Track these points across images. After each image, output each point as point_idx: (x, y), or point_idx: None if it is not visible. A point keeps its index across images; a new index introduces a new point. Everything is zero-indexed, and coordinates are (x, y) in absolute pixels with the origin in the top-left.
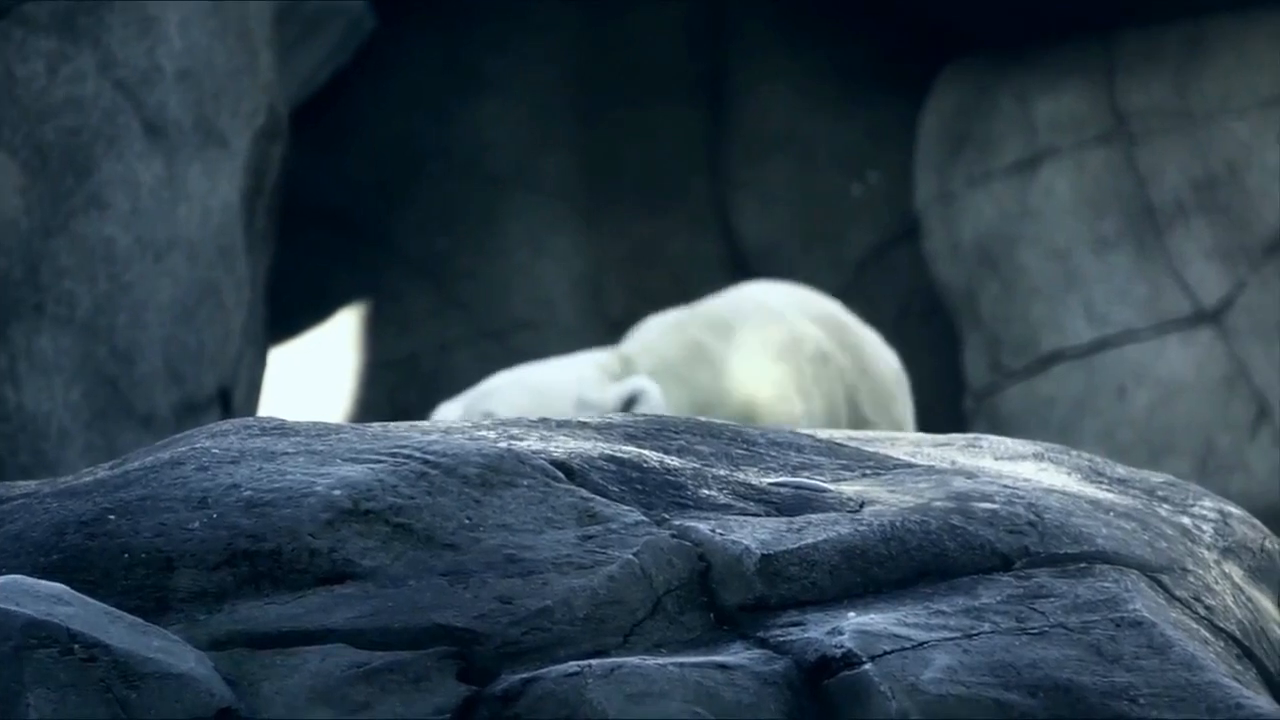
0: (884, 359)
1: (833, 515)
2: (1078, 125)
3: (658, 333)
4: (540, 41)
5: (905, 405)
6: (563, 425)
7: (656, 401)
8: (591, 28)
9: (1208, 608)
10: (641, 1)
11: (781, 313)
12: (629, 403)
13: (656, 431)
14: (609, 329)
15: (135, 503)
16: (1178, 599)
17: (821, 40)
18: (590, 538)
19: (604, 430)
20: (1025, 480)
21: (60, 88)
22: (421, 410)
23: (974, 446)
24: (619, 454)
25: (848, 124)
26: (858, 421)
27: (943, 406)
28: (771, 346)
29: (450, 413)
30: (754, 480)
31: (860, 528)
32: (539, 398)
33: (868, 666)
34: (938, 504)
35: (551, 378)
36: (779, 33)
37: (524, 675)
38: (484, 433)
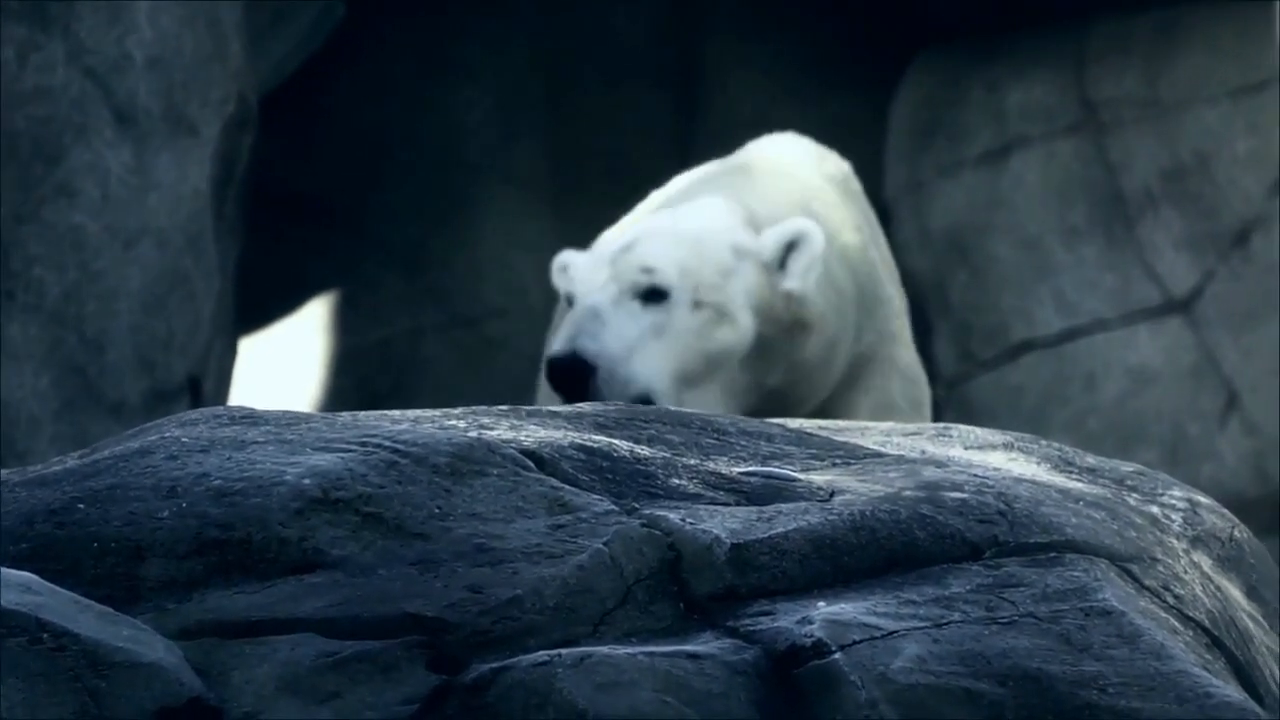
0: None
1: (803, 505)
2: (1048, 115)
3: (767, 178)
4: (510, 28)
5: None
6: (532, 414)
7: (818, 246)
8: (561, 15)
9: (1177, 597)
10: None
11: (815, 146)
12: (791, 245)
13: (627, 421)
14: None
15: (105, 491)
16: (1147, 588)
17: (792, 28)
18: (560, 527)
19: (574, 419)
20: (995, 470)
21: (30, 76)
22: (394, 398)
23: (944, 436)
24: (589, 443)
25: (817, 112)
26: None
27: None
28: (827, 186)
29: (593, 272)
30: (724, 469)
31: (830, 517)
32: (697, 249)
33: (837, 656)
34: (908, 493)
35: (703, 226)
36: (749, 20)
37: (494, 664)
38: (454, 422)
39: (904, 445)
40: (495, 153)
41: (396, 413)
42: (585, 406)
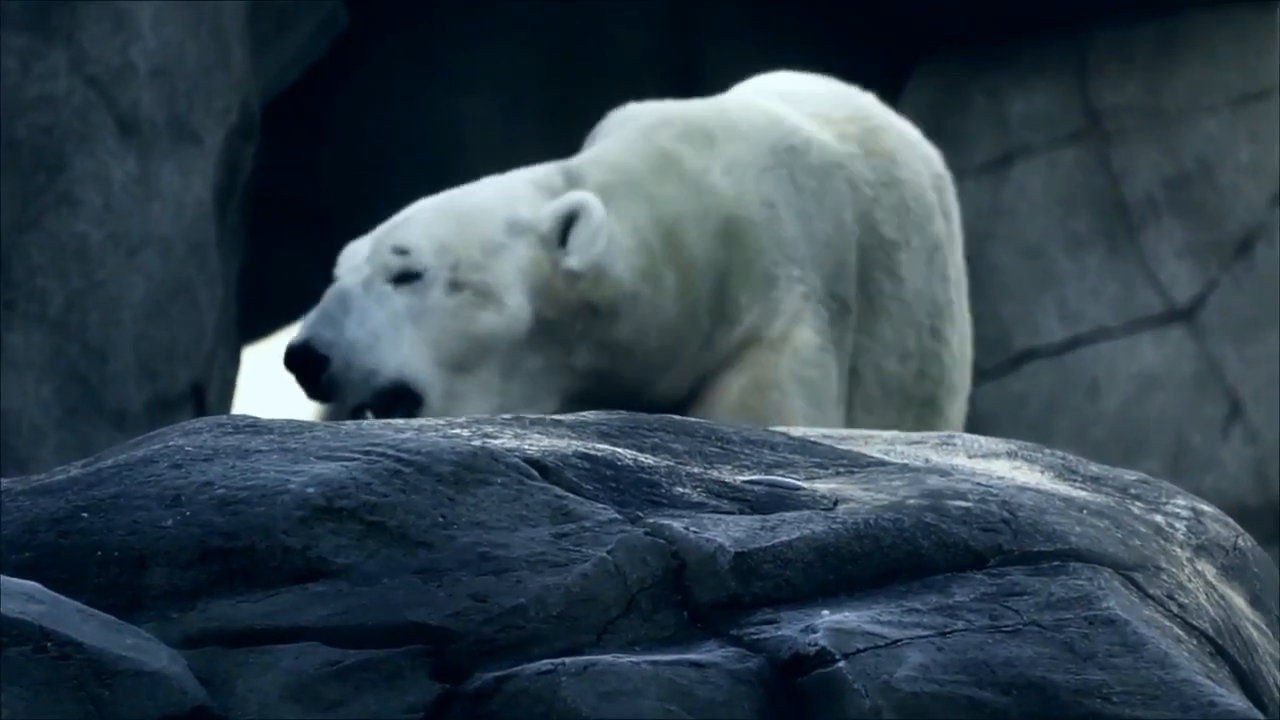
0: (921, 166)
1: (807, 513)
2: (1050, 123)
3: (617, 142)
4: (511, 35)
5: (944, 219)
6: (536, 423)
7: (598, 219)
8: (563, 23)
9: (1181, 606)
10: None
11: (781, 116)
12: (567, 221)
13: (630, 429)
14: None
15: (108, 500)
16: (1151, 597)
17: (793, 35)
18: (564, 536)
19: (578, 428)
20: (999, 478)
21: (33, 85)
22: None
23: (947, 444)
24: (593, 451)
25: None
26: (876, 245)
27: None
28: (761, 155)
29: (359, 251)
30: (728, 478)
31: (834, 526)
32: (462, 225)
33: (841, 664)
34: (911, 502)
35: (476, 199)
36: (751, 26)
37: (498, 673)
38: (458, 430)
39: (908, 454)
40: (497, 160)
41: (400, 421)
42: (589, 415)
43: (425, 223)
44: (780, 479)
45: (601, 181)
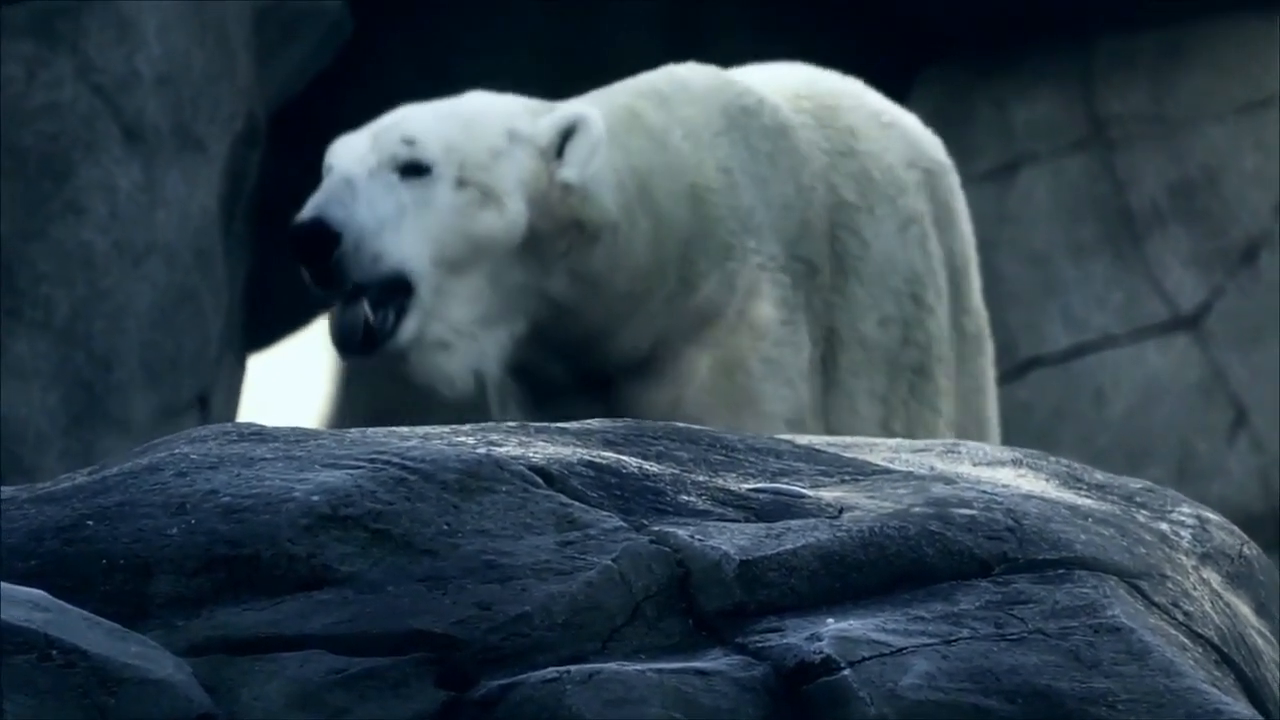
0: (896, 146)
1: (812, 521)
2: (1055, 131)
3: (585, 99)
4: (515, 42)
5: (930, 203)
6: (541, 430)
7: (596, 133)
8: (565, 27)
9: (1186, 613)
10: (617, 3)
11: (731, 78)
12: (565, 134)
13: (635, 437)
14: None
15: (113, 508)
16: (1156, 605)
17: (797, 41)
18: (569, 543)
19: (582, 436)
20: (1004, 486)
21: (38, 93)
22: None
23: (952, 452)
24: (598, 459)
25: None
26: (838, 205)
27: None
28: (714, 118)
29: (356, 144)
30: (733, 486)
31: (839, 533)
32: (468, 127)
33: (846, 672)
34: (916, 510)
35: (477, 106)
36: (754, 32)
37: (503, 681)
38: (463, 438)
39: (912, 462)
40: None
41: (405, 429)
42: (594, 423)
43: (430, 120)
44: (785, 487)
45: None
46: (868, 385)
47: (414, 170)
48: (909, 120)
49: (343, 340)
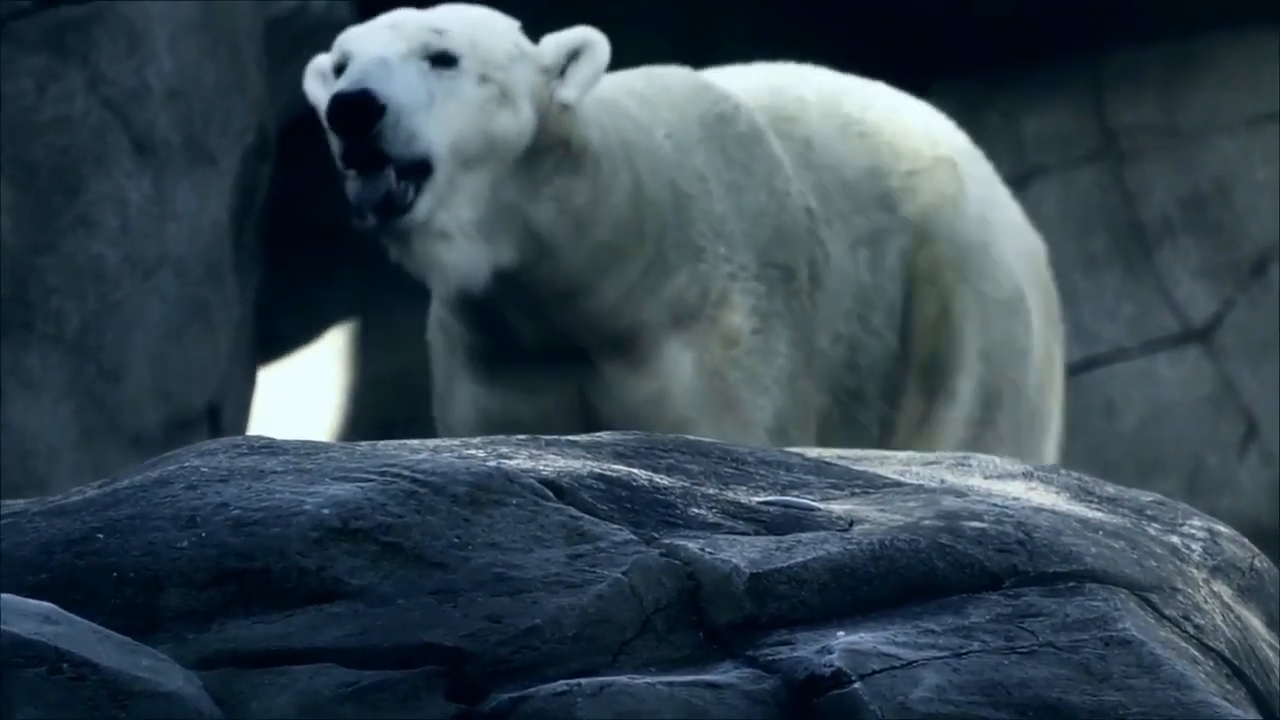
0: (860, 159)
1: (822, 534)
2: (1066, 143)
3: None
4: None
5: (888, 213)
6: (551, 443)
7: (601, 57)
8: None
9: (1197, 626)
10: (625, 13)
11: (707, 83)
12: (572, 55)
13: (645, 450)
14: None
15: (124, 521)
16: (1167, 618)
17: (807, 55)
18: (579, 556)
19: (593, 448)
20: (1014, 499)
21: (49, 106)
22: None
23: (963, 465)
24: (608, 472)
25: None
26: (809, 210)
27: None
28: (692, 126)
29: (378, 32)
30: (743, 499)
31: (849, 546)
32: (489, 29)
33: (857, 685)
34: (927, 523)
35: (489, 13)
36: (764, 46)
37: (513, 694)
38: (473, 451)
39: (923, 474)
40: None
41: (415, 442)
42: (604, 436)
43: (455, 16)
44: (795, 500)
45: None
46: (816, 401)
47: (443, 60)
48: (902, 121)
49: (362, 205)
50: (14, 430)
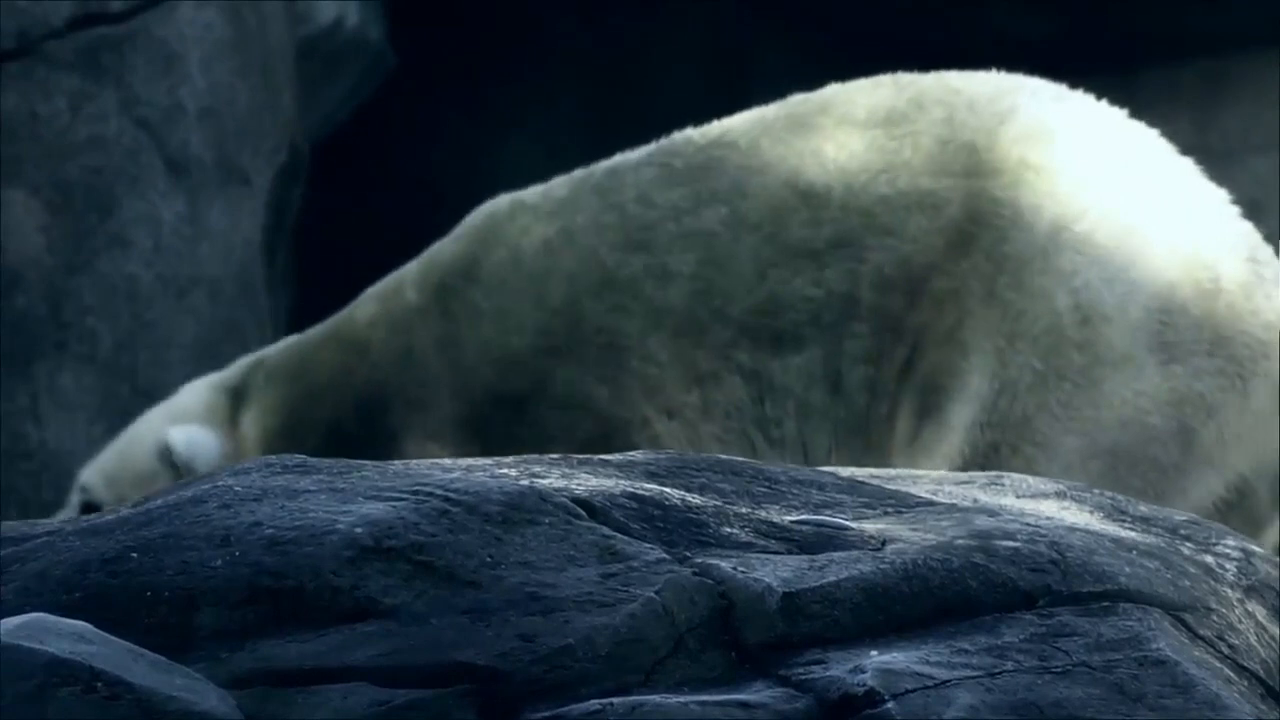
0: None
1: (855, 553)
2: None
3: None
4: (557, 77)
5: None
6: (584, 463)
7: (192, 453)
8: (608, 62)
9: (1231, 647)
10: (660, 37)
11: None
12: (180, 463)
13: (678, 469)
14: None
15: (158, 540)
16: (1201, 638)
17: (838, 75)
18: (612, 575)
19: (625, 468)
20: (1048, 519)
21: (83, 126)
22: None
23: (996, 484)
24: (640, 491)
25: None
26: None
27: None
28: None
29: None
30: (776, 518)
31: (882, 566)
32: (122, 458)
33: (890, 705)
34: (960, 542)
35: (135, 431)
36: (798, 70)
37: (546, 713)
38: (505, 470)
39: (956, 494)
40: None
41: (448, 461)
42: (637, 455)
43: (100, 459)
44: (828, 519)
45: (273, 365)
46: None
47: (93, 510)
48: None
49: None
50: (48, 450)
